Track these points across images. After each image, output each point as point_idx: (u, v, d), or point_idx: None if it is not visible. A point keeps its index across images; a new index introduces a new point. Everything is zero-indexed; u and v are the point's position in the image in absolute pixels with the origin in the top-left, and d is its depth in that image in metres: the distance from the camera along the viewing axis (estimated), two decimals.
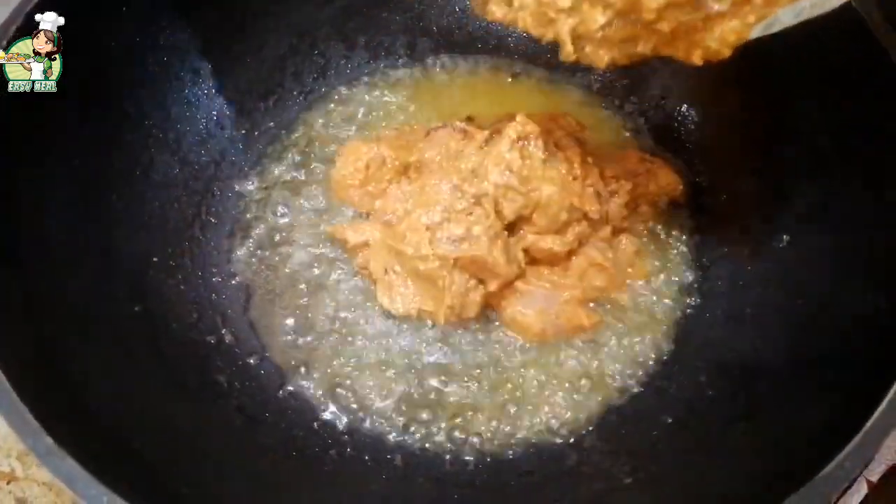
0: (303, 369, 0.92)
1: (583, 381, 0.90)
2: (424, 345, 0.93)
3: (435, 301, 0.90)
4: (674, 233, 1.03)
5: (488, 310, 0.94)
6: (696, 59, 0.67)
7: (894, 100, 0.76)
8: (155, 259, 0.92)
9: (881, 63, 0.77)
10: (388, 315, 0.94)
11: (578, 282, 0.94)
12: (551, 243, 0.91)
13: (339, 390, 0.90)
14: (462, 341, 0.93)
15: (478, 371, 0.91)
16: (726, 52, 0.65)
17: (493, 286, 0.90)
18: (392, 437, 0.87)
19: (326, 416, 0.89)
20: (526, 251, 0.92)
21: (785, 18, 0.63)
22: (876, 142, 0.80)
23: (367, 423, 0.88)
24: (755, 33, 0.64)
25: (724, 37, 0.64)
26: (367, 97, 1.16)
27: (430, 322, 0.94)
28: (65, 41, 0.82)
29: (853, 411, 0.63)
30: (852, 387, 0.69)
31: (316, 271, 0.99)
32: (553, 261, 0.94)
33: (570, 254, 0.94)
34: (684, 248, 1.01)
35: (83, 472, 0.57)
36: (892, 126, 0.77)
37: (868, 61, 0.79)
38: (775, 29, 0.64)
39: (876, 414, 0.60)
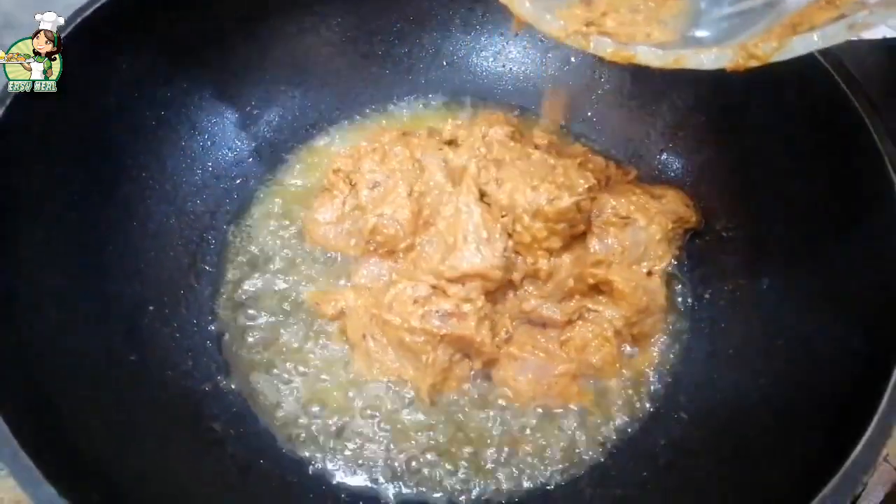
0: (297, 418, 0.92)
1: (577, 432, 0.91)
2: (416, 400, 0.92)
3: (416, 371, 0.91)
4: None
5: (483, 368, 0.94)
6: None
7: (862, 151, 0.79)
8: (151, 308, 0.93)
9: (848, 114, 0.81)
10: None
11: (575, 354, 0.93)
12: (550, 312, 0.93)
13: (333, 440, 0.90)
14: (451, 395, 0.93)
15: (469, 423, 0.91)
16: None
17: (477, 364, 0.91)
18: (387, 487, 0.87)
19: (321, 464, 0.88)
20: (525, 313, 0.94)
21: (798, 47, 0.59)
22: (846, 190, 0.83)
23: (362, 473, 0.88)
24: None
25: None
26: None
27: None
28: (62, 94, 0.84)
29: (834, 450, 0.64)
30: (833, 426, 0.71)
31: (311, 321, 0.99)
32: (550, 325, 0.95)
33: (569, 322, 0.95)
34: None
35: None
36: (860, 176, 0.80)
37: (835, 113, 0.83)
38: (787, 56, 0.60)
39: (854, 453, 0.62)
